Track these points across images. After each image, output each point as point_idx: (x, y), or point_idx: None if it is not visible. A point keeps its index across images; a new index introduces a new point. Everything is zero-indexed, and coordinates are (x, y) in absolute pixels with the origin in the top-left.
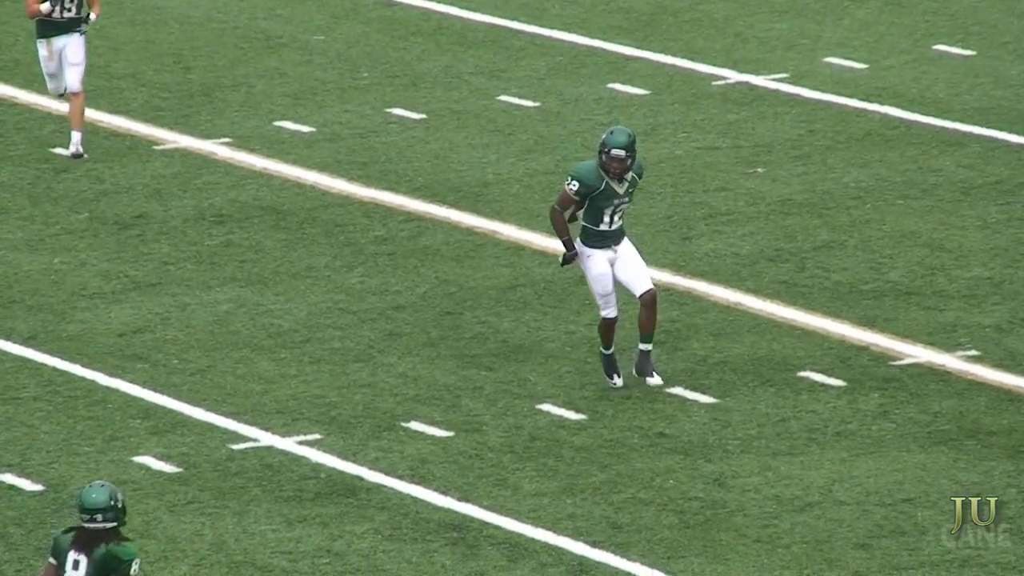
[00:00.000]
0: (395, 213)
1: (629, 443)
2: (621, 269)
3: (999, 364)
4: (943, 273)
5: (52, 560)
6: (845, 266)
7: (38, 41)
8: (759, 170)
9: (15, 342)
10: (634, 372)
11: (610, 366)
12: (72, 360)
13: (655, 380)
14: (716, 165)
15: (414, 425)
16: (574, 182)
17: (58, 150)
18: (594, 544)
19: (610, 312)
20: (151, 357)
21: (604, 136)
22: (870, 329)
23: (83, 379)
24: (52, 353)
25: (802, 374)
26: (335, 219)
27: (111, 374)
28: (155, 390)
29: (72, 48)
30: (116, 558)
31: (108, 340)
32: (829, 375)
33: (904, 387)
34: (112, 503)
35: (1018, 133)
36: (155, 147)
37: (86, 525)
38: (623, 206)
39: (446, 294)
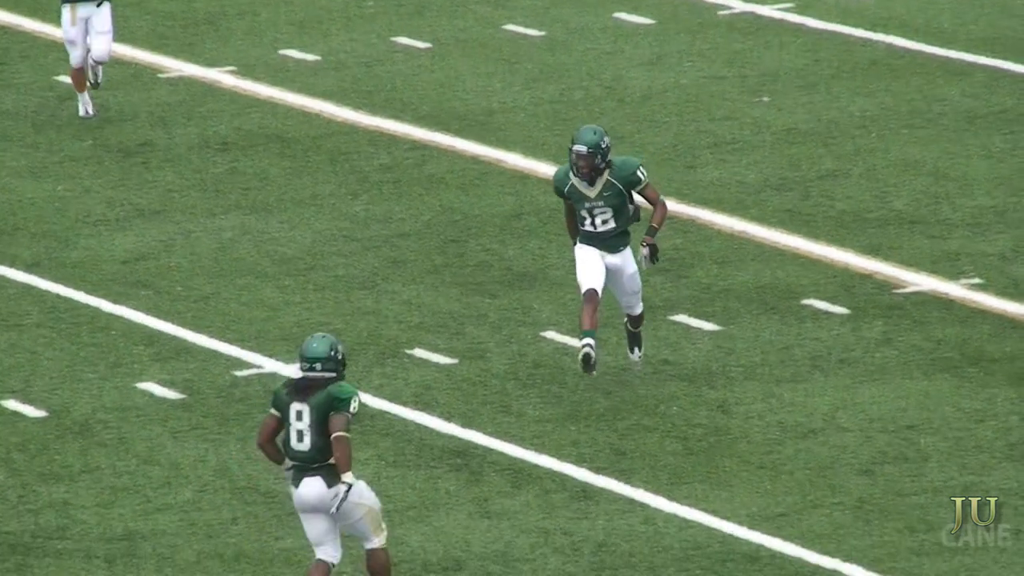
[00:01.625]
0: (400, 141)
1: (633, 370)
2: (615, 285)
3: (1002, 292)
4: (947, 202)
5: (275, 412)
6: (849, 194)
7: (62, 5)
8: (764, 99)
9: (19, 269)
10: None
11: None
12: (76, 287)
13: (634, 356)
14: (721, 94)
15: (418, 352)
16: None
17: (62, 78)
18: (597, 470)
19: (592, 283)
20: (155, 284)
21: (574, 134)
22: (874, 257)
23: (87, 306)
24: (56, 280)
25: (806, 302)
26: (340, 147)
27: (115, 301)
28: (159, 317)
29: (100, 17)
30: (336, 397)
31: (112, 267)
32: (833, 303)
33: (907, 315)
34: (332, 353)
35: (1023, 62)
36: (160, 75)
37: (306, 374)
38: (601, 210)
39: (450, 222)
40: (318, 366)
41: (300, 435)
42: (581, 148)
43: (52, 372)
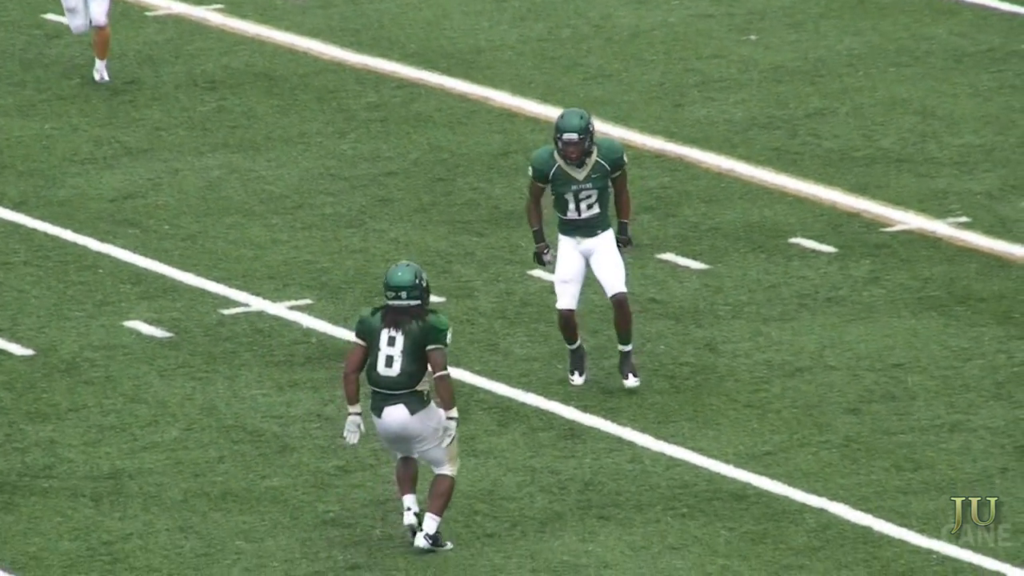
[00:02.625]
0: (387, 79)
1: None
2: (596, 265)
3: (989, 230)
4: (934, 140)
5: (360, 341)
6: (837, 133)
7: None
8: (752, 37)
9: (6, 207)
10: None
11: (572, 362)
12: (63, 225)
13: (630, 382)
14: (709, 32)
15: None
16: (530, 167)
17: (50, 16)
18: (584, 409)
19: (562, 303)
20: (142, 222)
21: (556, 120)
22: (861, 196)
23: (74, 244)
24: (43, 218)
25: (793, 240)
26: (327, 85)
27: (102, 239)
28: (146, 255)
29: None
30: (434, 328)
31: (99, 205)
32: (820, 241)
33: (895, 253)
34: (417, 281)
35: (1010, 0)
36: (147, 13)
37: (391, 303)
38: (587, 193)
39: (438, 160)
40: (403, 294)
41: (389, 360)
42: (571, 136)
43: (39, 311)
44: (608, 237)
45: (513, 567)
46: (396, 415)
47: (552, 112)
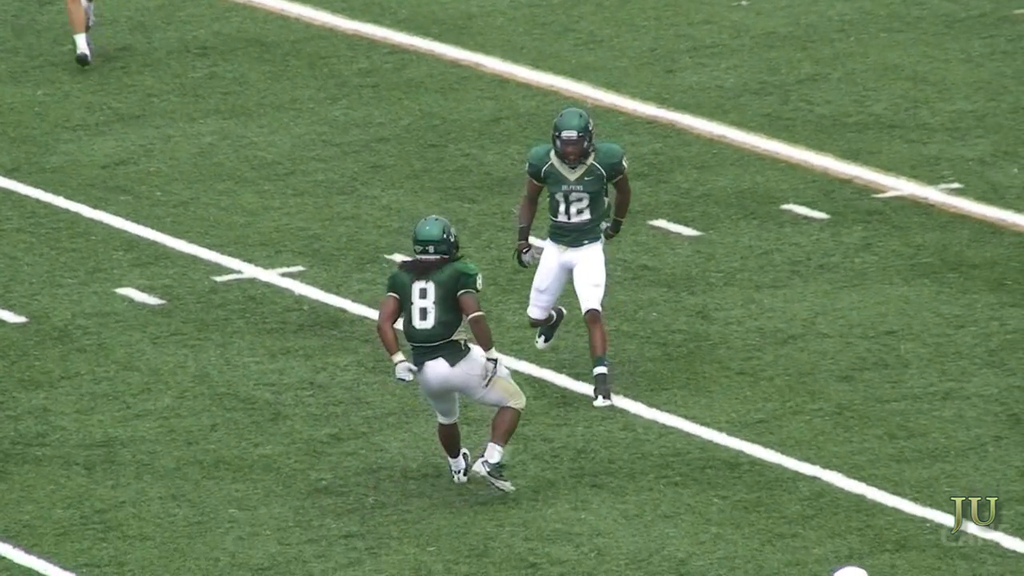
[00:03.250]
0: (379, 45)
1: (613, 276)
2: (577, 277)
3: (981, 197)
4: (926, 106)
5: (393, 295)
6: (829, 99)
7: None
8: (743, 2)
9: None
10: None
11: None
12: (55, 192)
13: (600, 402)
14: None
15: (397, 257)
16: (526, 162)
17: None
18: (577, 376)
19: (533, 312)
20: (134, 189)
21: (556, 119)
22: (853, 162)
23: (66, 211)
24: (35, 185)
25: (785, 207)
26: (319, 51)
27: (94, 206)
28: (138, 222)
29: None
30: (463, 273)
31: (91, 172)
32: (812, 208)
33: (887, 220)
34: (444, 236)
35: None
36: None
37: (420, 257)
38: (578, 195)
39: (430, 126)
40: (431, 248)
41: (424, 313)
42: (571, 134)
43: (32, 278)
44: (594, 250)
45: (506, 535)
46: (437, 369)
47: (544, 78)
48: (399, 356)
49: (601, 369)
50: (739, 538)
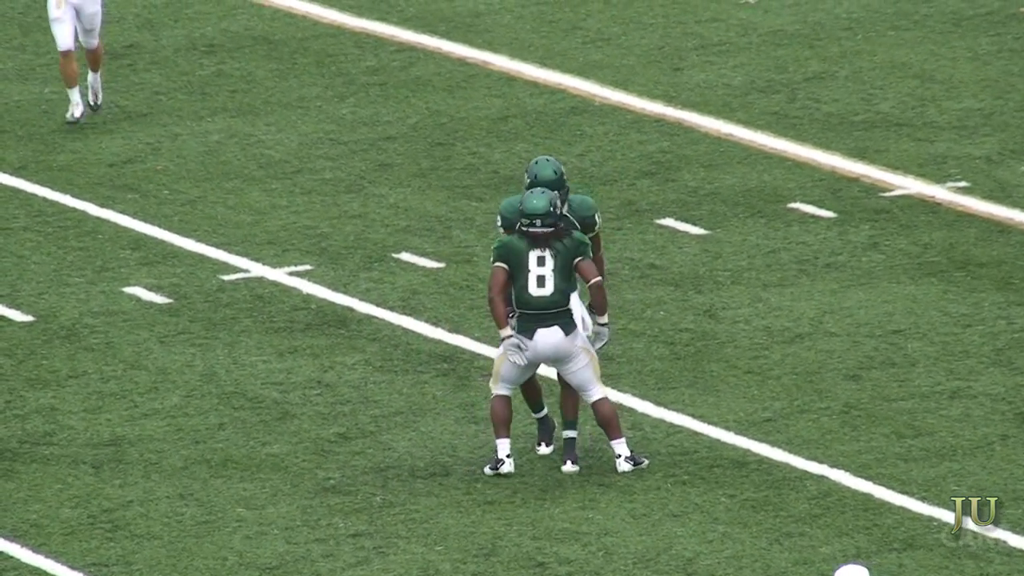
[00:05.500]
0: (386, 43)
1: (620, 274)
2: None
3: (989, 195)
4: (934, 104)
5: (503, 264)
6: (836, 97)
7: None
8: (751, 0)
9: (5, 172)
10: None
11: (539, 432)
12: (62, 190)
13: (567, 468)
14: None
15: (405, 256)
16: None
17: None
18: None
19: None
20: (142, 187)
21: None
22: (861, 160)
23: (73, 209)
24: (42, 183)
25: (792, 205)
26: (327, 49)
27: (102, 204)
28: (145, 221)
29: (87, 15)
30: (580, 242)
31: (99, 170)
32: (819, 206)
33: (894, 218)
34: (551, 209)
35: None
36: None
37: (530, 230)
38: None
39: (437, 124)
40: (538, 222)
41: (541, 280)
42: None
43: (39, 276)
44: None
45: (514, 534)
46: (551, 337)
47: (551, 76)
48: (507, 331)
49: (571, 433)
50: (747, 537)
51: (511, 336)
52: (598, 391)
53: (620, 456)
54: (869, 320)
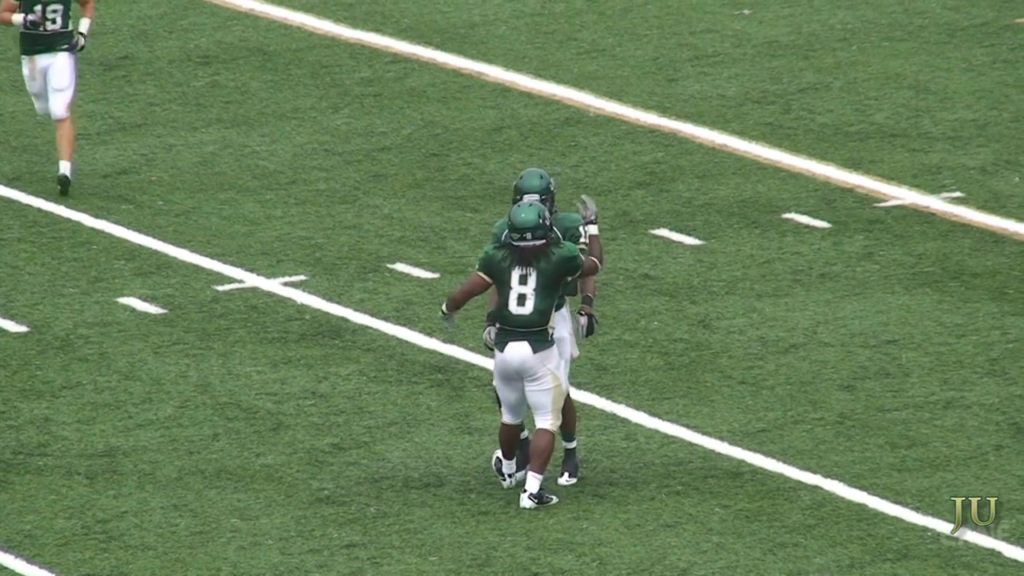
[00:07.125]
0: (381, 54)
1: (614, 285)
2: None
3: (983, 206)
4: (928, 115)
5: (485, 276)
6: (830, 108)
7: (21, 57)
8: (745, 11)
9: (0, 183)
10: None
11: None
12: (57, 201)
13: (564, 480)
14: (702, 6)
15: (399, 267)
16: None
17: None
18: (578, 386)
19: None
20: (136, 198)
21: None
22: (855, 171)
23: (68, 220)
24: (37, 194)
25: (787, 216)
26: (321, 60)
27: (96, 215)
28: (140, 231)
29: (57, 70)
30: (566, 258)
31: (93, 181)
32: (814, 217)
33: (888, 229)
34: (540, 221)
35: None
36: None
37: (517, 244)
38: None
39: (432, 135)
40: (528, 235)
41: (522, 299)
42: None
43: (33, 287)
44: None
45: (508, 545)
46: (518, 351)
47: (546, 87)
48: (444, 309)
49: (571, 444)
50: (741, 547)
51: (449, 316)
52: (549, 421)
53: (527, 492)
54: (863, 330)
